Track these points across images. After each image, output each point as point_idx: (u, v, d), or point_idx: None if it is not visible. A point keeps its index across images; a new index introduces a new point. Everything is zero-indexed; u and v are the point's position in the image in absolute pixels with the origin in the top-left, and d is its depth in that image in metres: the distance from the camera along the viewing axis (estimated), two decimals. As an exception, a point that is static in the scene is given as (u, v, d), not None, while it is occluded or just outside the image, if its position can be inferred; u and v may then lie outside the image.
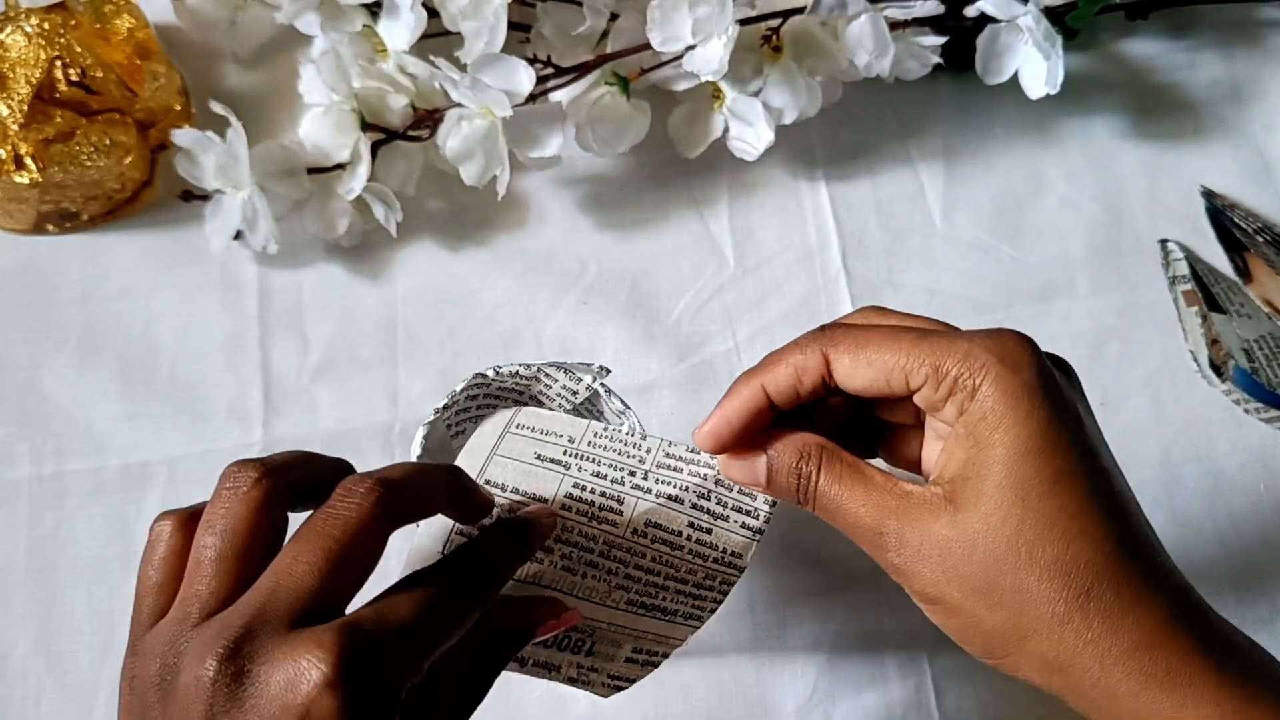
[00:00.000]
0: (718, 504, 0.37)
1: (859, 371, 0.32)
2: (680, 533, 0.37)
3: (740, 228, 0.57)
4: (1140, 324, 0.56)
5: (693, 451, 0.38)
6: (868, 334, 0.32)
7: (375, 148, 0.53)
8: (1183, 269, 0.56)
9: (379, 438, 0.52)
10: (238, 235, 0.53)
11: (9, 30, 0.54)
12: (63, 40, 0.54)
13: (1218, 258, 0.57)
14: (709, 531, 0.37)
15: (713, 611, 0.37)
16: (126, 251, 0.56)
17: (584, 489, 0.37)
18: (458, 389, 0.41)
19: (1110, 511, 0.30)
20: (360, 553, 0.29)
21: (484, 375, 0.42)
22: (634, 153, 0.56)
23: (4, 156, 0.53)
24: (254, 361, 0.54)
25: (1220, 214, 0.58)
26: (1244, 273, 0.56)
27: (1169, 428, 0.54)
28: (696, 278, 0.56)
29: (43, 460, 0.52)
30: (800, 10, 0.52)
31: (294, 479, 0.31)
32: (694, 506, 0.37)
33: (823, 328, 0.34)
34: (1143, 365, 0.55)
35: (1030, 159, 0.59)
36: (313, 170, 0.53)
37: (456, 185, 0.54)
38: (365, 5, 0.56)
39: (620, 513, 0.36)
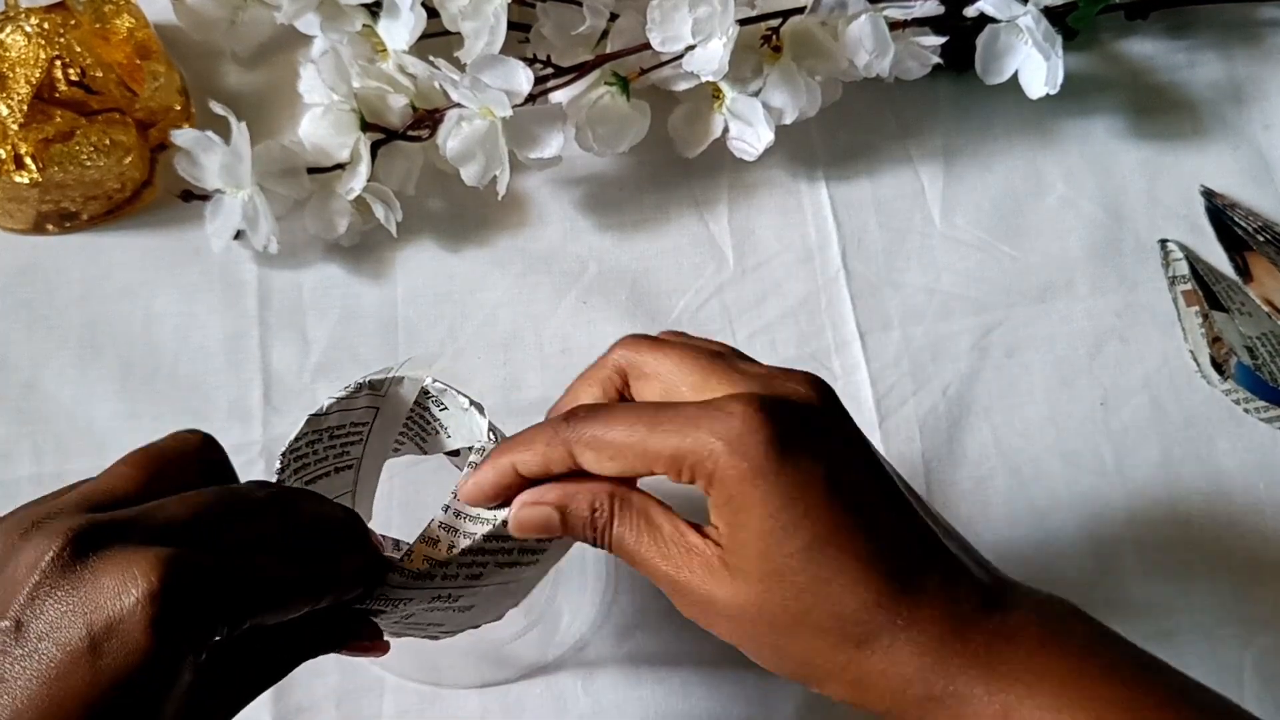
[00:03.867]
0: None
1: (604, 465, 0.33)
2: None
3: (740, 227, 0.57)
4: (1140, 324, 0.56)
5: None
6: (607, 422, 0.32)
7: (375, 147, 0.53)
8: (1182, 269, 0.56)
9: (379, 437, 0.52)
10: (238, 235, 0.53)
11: (9, 30, 0.54)
12: (62, 40, 0.54)
13: (1218, 257, 0.57)
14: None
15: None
16: (127, 251, 0.56)
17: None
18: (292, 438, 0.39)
19: (876, 554, 0.31)
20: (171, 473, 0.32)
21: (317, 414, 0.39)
22: (634, 153, 0.56)
23: (4, 156, 0.53)
24: (254, 361, 0.54)
25: (1220, 213, 0.58)
26: (1244, 272, 0.57)
27: (1169, 427, 0.54)
28: (696, 277, 0.56)
29: (43, 459, 0.52)
30: (800, 10, 0.52)
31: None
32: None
33: (568, 416, 0.33)
34: (1142, 365, 0.55)
35: (1030, 159, 0.59)
36: (313, 170, 0.53)
37: (456, 185, 0.54)
38: (365, 5, 0.56)
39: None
